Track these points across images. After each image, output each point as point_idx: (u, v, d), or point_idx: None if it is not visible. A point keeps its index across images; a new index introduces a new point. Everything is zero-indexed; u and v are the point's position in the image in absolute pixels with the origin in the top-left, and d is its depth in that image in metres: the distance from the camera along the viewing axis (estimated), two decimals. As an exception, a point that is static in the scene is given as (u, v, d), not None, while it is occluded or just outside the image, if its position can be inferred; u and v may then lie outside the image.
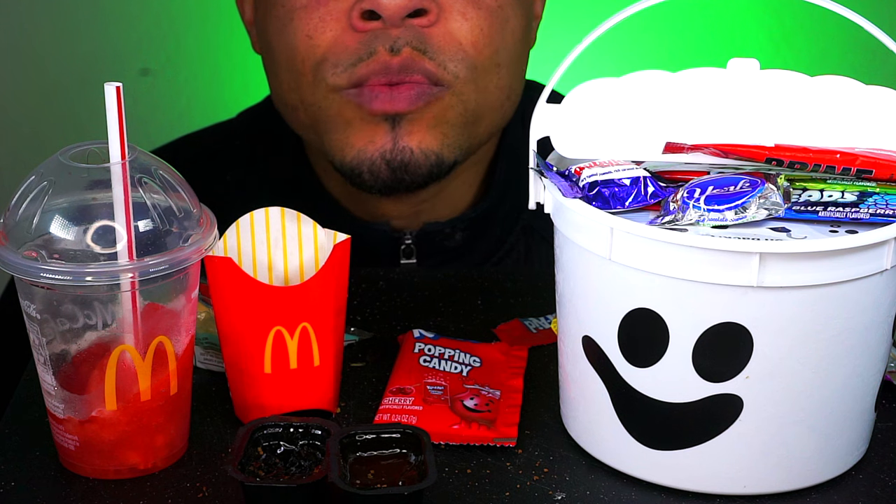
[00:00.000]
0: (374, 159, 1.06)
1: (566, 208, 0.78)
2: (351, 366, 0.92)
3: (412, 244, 1.15)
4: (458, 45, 1.04)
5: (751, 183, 0.77)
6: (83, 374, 0.78)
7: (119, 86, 0.77)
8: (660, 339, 0.75)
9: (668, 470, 0.78)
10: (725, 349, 0.75)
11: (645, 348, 0.76)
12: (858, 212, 0.76)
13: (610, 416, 0.79)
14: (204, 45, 1.84)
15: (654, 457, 0.78)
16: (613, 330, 0.77)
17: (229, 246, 0.86)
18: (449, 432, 0.84)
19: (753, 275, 0.72)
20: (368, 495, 0.73)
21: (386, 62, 1.03)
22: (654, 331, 0.75)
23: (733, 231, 0.75)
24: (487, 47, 1.05)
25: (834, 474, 0.79)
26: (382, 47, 1.03)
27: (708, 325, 0.74)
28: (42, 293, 0.77)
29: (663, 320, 0.75)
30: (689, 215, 0.75)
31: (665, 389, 0.76)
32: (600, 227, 0.76)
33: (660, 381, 0.76)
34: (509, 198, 1.18)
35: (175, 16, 1.84)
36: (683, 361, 0.75)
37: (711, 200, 0.75)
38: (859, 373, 0.77)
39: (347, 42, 1.04)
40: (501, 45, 1.07)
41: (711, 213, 0.75)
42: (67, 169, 0.77)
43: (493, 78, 1.07)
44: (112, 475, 0.80)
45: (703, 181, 0.77)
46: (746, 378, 0.75)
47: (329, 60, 1.04)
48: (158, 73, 1.85)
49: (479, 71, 1.06)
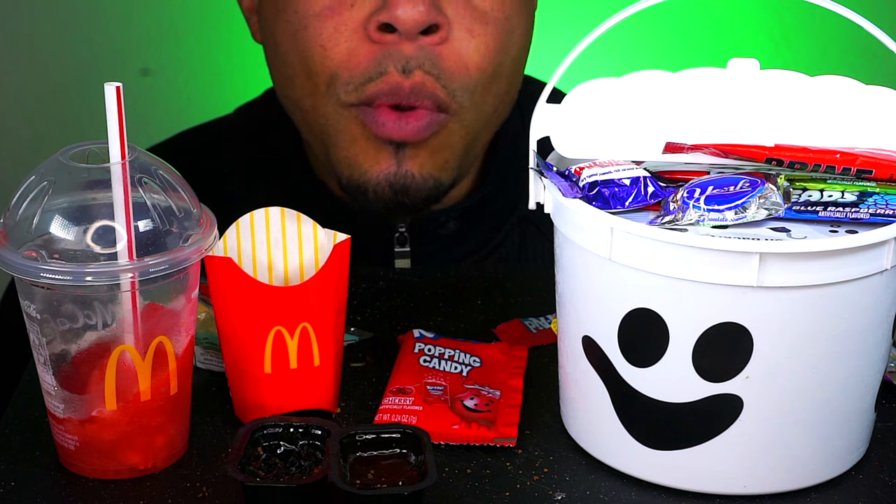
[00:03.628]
0: (379, 181, 1.08)
1: (566, 208, 0.78)
2: (351, 366, 0.92)
3: (406, 233, 1.16)
4: (465, 69, 1.05)
5: (751, 183, 0.77)
6: (83, 374, 0.78)
7: (119, 86, 0.77)
8: (660, 340, 0.75)
9: (667, 470, 0.78)
10: (725, 349, 0.74)
11: (645, 348, 0.76)
12: (858, 212, 0.76)
13: (610, 416, 0.79)
14: (204, 45, 1.84)
15: (654, 457, 0.78)
16: (613, 330, 0.77)
17: (229, 246, 0.86)
18: (449, 432, 0.84)
19: (753, 275, 0.72)
20: (368, 495, 0.73)
21: (397, 83, 1.04)
22: (654, 331, 0.75)
23: (733, 231, 0.75)
24: (490, 64, 1.06)
25: (834, 474, 0.79)
26: (394, 67, 1.03)
27: (708, 325, 0.74)
28: (42, 293, 0.77)
29: (663, 320, 0.75)
30: (689, 215, 0.75)
31: (665, 389, 0.76)
32: (600, 227, 0.76)
33: (660, 381, 0.76)
34: (505, 188, 1.19)
35: (175, 16, 1.84)
36: (683, 361, 0.75)
37: (711, 200, 0.75)
38: (859, 373, 0.77)
39: (361, 55, 1.04)
40: (505, 57, 1.08)
41: (711, 212, 0.75)
42: (67, 169, 0.77)
43: (493, 88, 1.08)
44: (112, 475, 0.80)
45: (703, 181, 0.77)
46: (746, 378, 0.75)
47: (342, 77, 1.05)
48: (158, 73, 1.85)
49: (480, 89, 1.07)
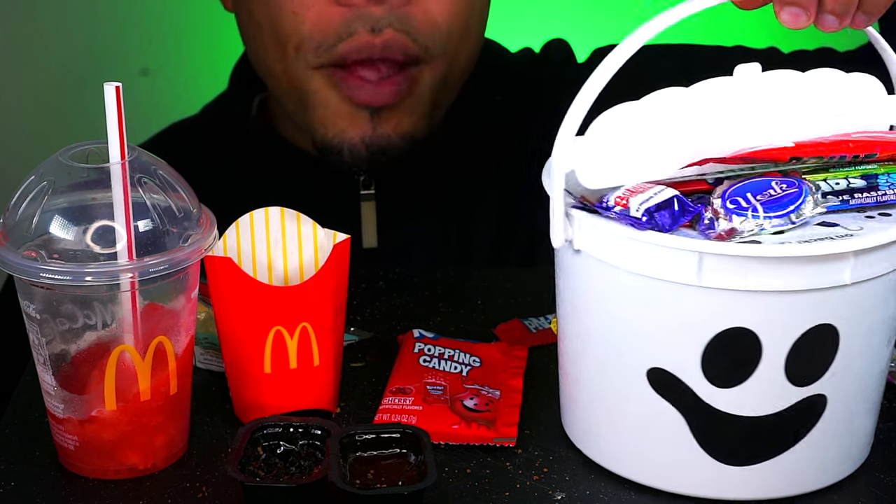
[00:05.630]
0: (355, 143, 1.12)
1: (637, 242, 0.74)
2: (351, 366, 0.92)
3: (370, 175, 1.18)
4: (433, 23, 1.09)
5: (787, 184, 0.76)
6: (83, 374, 0.78)
7: (119, 86, 0.77)
8: (751, 356, 0.74)
9: (749, 484, 0.77)
10: (815, 351, 0.74)
11: (734, 367, 0.74)
12: (886, 195, 0.77)
13: (686, 442, 0.77)
14: (204, 45, 1.84)
15: (736, 473, 0.77)
16: (696, 355, 0.74)
17: (229, 246, 0.86)
18: (449, 432, 0.84)
19: (847, 273, 0.72)
20: (368, 495, 0.73)
21: (368, 42, 1.07)
22: (745, 348, 0.74)
23: (791, 235, 0.74)
24: (458, 18, 1.10)
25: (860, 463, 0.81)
26: (363, 28, 1.07)
27: (801, 331, 0.73)
28: (42, 293, 0.77)
29: (755, 336, 0.73)
30: (746, 225, 0.74)
31: (754, 404, 0.75)
32: (685, 254, 0.73)
33: (748, 396, 0.75)
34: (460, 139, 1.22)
35: (175, 16, 1.84)
36: (776, 372, 0.74)
37: (769, 207, 0.74)
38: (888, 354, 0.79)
39: (331, 19, 1.08)
40: (471, 12, 1.12)
41: (773, 219, 0.74)
42: (67, 169, 0.77)
43: (462, 44, 1.12)
44: (112, 475, 0.80)
45: (734, 189, 0.76)
46: (832, 375, 0.75)
47: (313, 39, 1.09)
48: (158, 73, 1.85)
49: (451, 42, 1.11)
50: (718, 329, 0.74)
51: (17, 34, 1.81)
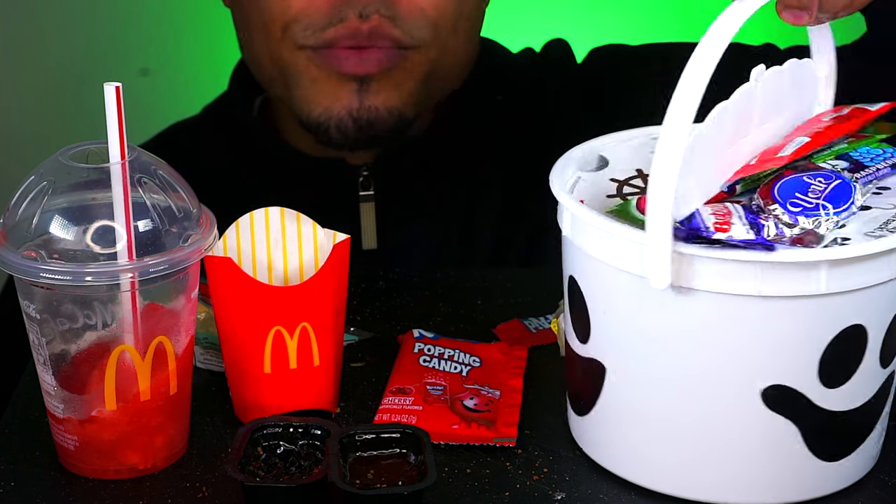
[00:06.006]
0: (342, 116, 1.12)
1: (763, 265, 0.71)
2: (351, 366, 0.92)
3: (370, 176, 1.18)
4: (420, 10, 1.11)
5: (822, 177, 0.76)
6: (83, 374, 0.78)
7: (119, 86, 0.77)
8: (859, 349, 0.75)
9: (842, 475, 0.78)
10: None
11: (845, 365, 0.75)
12: (879, 170, 0.78)
13: (799, 451, 0.76)
14: (204, 45, 1.84)
15: (835, 468, 0.78)
16: (814, 362, 0.74)
17: (229, 246, 0.86)
18: (449, 432, 0.84)
19: None
20: (368, 495, 0.73)
21: (356, 27, 1.09)
22: (856, 344, 0.74)
23: (857, 225, 0.75)
24: (448, 7, 1.12)
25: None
26: (353, 13, 1.09)
27: (893, 313, 0.75)
28: (42, 293, 0.77)
29: (864, 328, 0.74)
30: (823, 224, 0.74)
31: (856, 395, 0.76)
32: (813, 266, 0.72)
33: (854, 389, 0.75)
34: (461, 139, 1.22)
35: (175, 16, 1.84)
36: (874, 359, 0.75)
37: (834, 202, 0.74)
38: None
39: (319, 4, 1.09)
40: (461, 10, 1.13)
41: (841, 213, 0.74)
42: (67, 169, 0.77)
43: (453, 40, 1.14)
44: (112, 475, 0.80)
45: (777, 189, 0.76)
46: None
47: (301, 22, 1.10)
48: (158, 73, 1.85)
49: (442, 32, 1.12)
50: (834, 333, 0.74)
51: (17, 34, 1.81)
